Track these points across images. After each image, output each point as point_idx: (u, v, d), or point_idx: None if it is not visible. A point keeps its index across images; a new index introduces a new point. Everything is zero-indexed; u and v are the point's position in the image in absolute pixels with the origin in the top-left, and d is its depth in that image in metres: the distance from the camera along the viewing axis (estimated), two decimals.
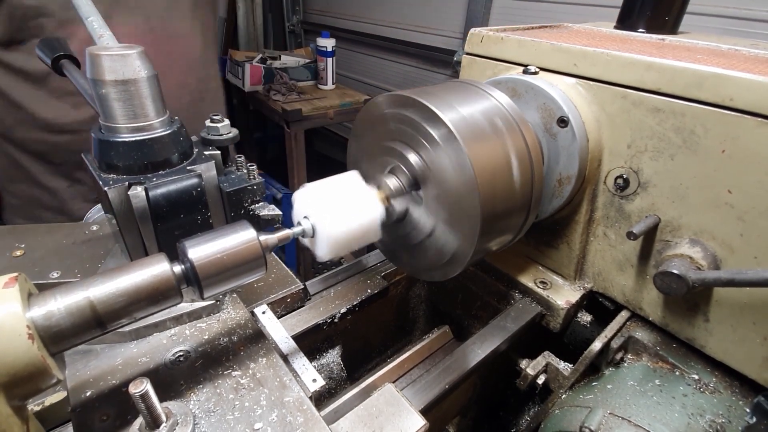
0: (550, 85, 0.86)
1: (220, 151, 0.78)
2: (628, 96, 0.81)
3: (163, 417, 0.54)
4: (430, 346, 1.04)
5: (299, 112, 2.93)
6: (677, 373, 0.84)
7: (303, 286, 0.97)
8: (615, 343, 0.89)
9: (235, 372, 0.68)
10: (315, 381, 0.74)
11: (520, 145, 0.75)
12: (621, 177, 0.85)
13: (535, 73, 0.90)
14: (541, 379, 0.92)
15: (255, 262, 0.59)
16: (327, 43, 3.32)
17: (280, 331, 0.84)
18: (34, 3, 1.43)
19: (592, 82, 0.85)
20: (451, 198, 0.72)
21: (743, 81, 0.68)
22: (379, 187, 0.78)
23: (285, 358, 0.78)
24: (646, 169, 0.82)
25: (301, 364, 0.78)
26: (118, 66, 0.64)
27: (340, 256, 0.72)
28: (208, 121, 0.79)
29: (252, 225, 0.60)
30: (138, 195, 0.66)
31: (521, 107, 0.83)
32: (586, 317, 1.01)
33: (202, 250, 0.55)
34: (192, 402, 0.62)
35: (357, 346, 1.11)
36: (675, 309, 0.85)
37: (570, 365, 0.91)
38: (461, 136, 0.68)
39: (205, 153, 0.77)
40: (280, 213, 0.79)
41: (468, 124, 0.70)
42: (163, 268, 0.53)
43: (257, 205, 0.78)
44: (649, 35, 1.05)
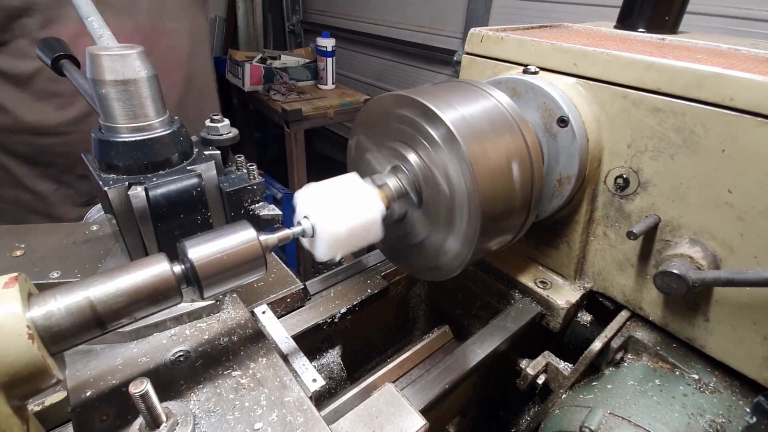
0: (550, 85, 0.86)
1: (219, 151, 0.78)
2: (628, 96, 0.81)
3: (163, 417, 0.54)
4: (430, 346, 1.04)
5: (299, 112, 2.93)
6: (677, 372, 0.84)
7: (303, 286, 0.97)
8: (615, 343, 0.89)
9: (235, 372, 0.68)
10: (315, 381, 0.74)
11: (520, 145, 0.75)
12: (621, 177, 0.85)
13: (535, 72, 0.90)
14: (541, 379, 0.92)
15: (255, 262, 0.59)
16: (327, 42, 3.32)
17: (280, 331, 0.84)
18: (17, 3, 1.39)
19: (592, 82, 0.85)
20: (451, 198, 0.72)
21: (743, 81, 0.68)
22: (379, 187, 0.78)
23: (285, 358, 0.78)
24: (646, 169, 0.82)
25: (301, 364, 0.78)
26: (118, 66, 0.64)
27: (340, 257, 0.72)
28: (208, 121, 0.79)
29: (252, 225, 0.60)
30: (138, 195, 0.66)
31: (521, 107, 0.83)
32: (586, 317, 1.01)
33: (202, 250, 0.55)
34: (192, 402, 0.62)
35: (357, 346, 1.11)
36: (675, 309, 0.85)
37: (570, 365, 0.91)
38: (461, 136, 0.68)
39: (205, 153, 0.77)
40: (280, 213, 0.79)
41: (468, 124, 0.70)
42: (163, 268, 0.53)
43: (257, 205, 0.78)
44: (649, 35, 1.05)
